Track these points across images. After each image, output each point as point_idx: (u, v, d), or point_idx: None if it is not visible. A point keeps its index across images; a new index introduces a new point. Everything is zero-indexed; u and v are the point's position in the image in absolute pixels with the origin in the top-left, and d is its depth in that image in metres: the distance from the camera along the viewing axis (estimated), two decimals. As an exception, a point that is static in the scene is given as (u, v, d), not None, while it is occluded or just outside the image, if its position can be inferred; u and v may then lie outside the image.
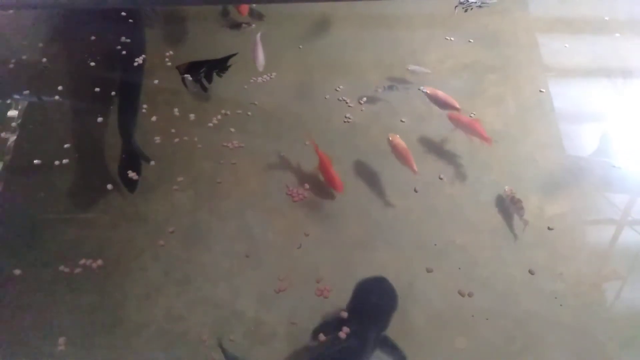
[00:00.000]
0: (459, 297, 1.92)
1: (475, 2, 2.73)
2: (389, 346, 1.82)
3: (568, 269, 1.99)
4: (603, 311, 1.92)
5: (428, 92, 2.38)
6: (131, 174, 2.20)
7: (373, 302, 1.94)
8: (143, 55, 2.65)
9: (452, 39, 2.80)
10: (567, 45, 2.81)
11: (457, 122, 2.34)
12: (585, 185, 2.27)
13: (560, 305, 1.89)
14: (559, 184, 2.26)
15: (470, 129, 2.29)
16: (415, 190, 2.18)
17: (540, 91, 2.53)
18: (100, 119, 2.40)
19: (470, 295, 1.91)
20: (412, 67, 2.51)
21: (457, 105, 2.35)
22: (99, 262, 1.97)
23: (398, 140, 2.22)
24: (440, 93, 2.38)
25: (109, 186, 2.18)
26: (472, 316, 1.87)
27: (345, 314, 1.85)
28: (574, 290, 1.94)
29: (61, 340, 1.78)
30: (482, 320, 1.87)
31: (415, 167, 2.15)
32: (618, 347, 1.83)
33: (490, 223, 2.12)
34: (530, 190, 2.22)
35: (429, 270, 1.97)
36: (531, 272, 1.97)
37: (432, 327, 1.86)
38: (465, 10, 2.76)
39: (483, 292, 1.93)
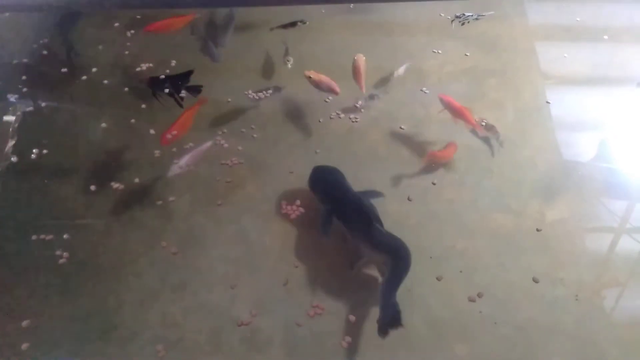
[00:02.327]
0: (459, 303, 1.89)
1: (472, 15, 2.76)
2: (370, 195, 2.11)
3: (569, 275, 1.97)
4: (604, 317, 1.89)
5: (312, 76, 2.37)
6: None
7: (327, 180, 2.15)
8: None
9: (451, 44, 2.80)
10: (565, 51, 2.81)
11: (447, 105, 2.34)
12: (586, 191, 2.26)
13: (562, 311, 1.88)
14: (559, 189, 2.25)
15: (459, 114, 2.30)
16: (409, 199, 2.16)
17: (547, 102, 2.52)
18: (104, 124, 2.38)
19: (480, 296, 1.90)
20: (398, 71, 2.50)
21: (338, 90, 2.36)
22: (93, 267, 1.94)
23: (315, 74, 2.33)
24: (324, 77, 2.38)
25: (92, 187, 2.17)
26: (473, 322, 1.85)
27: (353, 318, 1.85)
28: (575, 297, 1.92)
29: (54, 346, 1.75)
30: (482, 326, 1.85)
31: (337, 89, 2.32)
32: (619, 353, 1.80)
33: (490, 228, 2.10)
34: (530, 195, 2.20)
35: (439, 279, 1.95)
36: (535, 280, 1.94)
37: (432, 334, 1.84)
38: (462, 24, 2.80)
39: (483, 298, 1.91)
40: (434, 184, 2.22)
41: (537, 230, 2.08)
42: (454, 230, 2.10)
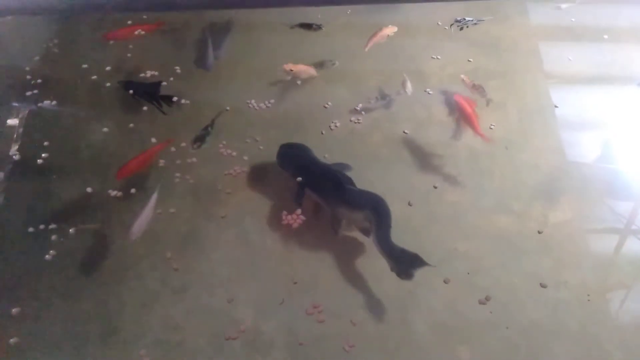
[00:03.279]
0: (461, 305, 1.88)
1: (471, 20, 2.76)
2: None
3: (573, 277, 1.96)
4: (609, 320, 1.88)
5: (293, 69, 2.45)
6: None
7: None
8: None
9: (452, 46, 2.79)
10: (567, 51, 2.80)
11: (459, 107, 2.33)
12: (589, 192, 2.24)
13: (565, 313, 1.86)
14: (562, 190, 2.23)
15: (467, 119, 2.30)
16: (410, 204, 2.15)
17: (555, 106, 2.51)
18: (105, 129, 2.38)
19: (488, 299, 1.89)
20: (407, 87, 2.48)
21: (316, 73, 2.46)
22: (95, 270, 1.94)
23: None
24: (302, 66, 2.46)
25: (89, 189, 2.17)
26: (476, 325, 1.84)
27: None
28: (580, 299, 1.90)
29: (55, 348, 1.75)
30: (485, 329, 1.83)
31: (315, 72, 2.41)
32: (624, 356, 1.78)
33: (493, 230, 2.09)
34: (533, 196, 2.19)
35: (446, 282, 1.94)
36: (543, 285, 1.93)
37: (434, 336, 1.82)
38: (461, 29, 2.80)
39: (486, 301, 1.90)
40: (435, 187, 2.21)
41: (538, 232, 2.07)
42: (457, 233, 2.08)
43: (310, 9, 2.92)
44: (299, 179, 2.13)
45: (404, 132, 2.41)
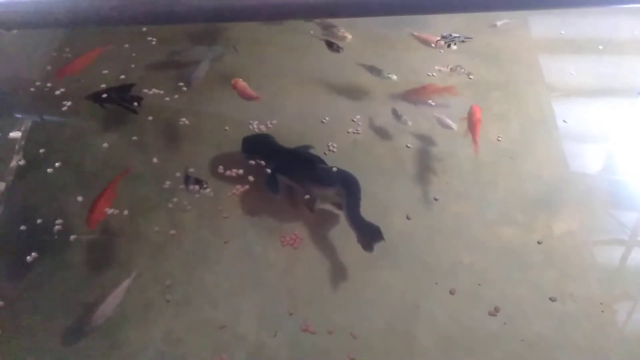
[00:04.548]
0: (466, 317, 1.86)
1: (459, 37, 2.75)
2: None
3: (578, 289, 1.94)
4: (616, 332, 1.86)
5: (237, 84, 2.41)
6: None
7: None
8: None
9: (454, 57, 2.81)
10: (568, 62, 2.81)
11: (470, 113, 2.33)
12: (593, 203, 2.23)
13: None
14: (566, 201, 2.23)
15: (473, 126, 2.29)
16: (408, 218, 2.14)
17: (564, 122, 2.51)
18: (105, 145, 2.38)
19: (497, 310, 1.87)
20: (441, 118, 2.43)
21: (256, 95, 2.39)
22: (96, 281, 1.93)
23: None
24: (247, 90, 2.41)
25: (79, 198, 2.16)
26: (481, 338, 1.82)
27: None
28: (586, 311, 1.88)
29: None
30: (490, 342, 1.81)
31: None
32: (632, 369, 1.77)
33: (498, 242, 2.08)
34: (537, 208, 2.18)
35: (452, 292, 1.92)
36: (552, 300, 1.91)
37: (440, 349, 1.80)
38: (449, 46, 2.80)
39: (491, 312, 1.88)
40: (435, 199, 2.20)
41: (538, 243, 2.06)
42: (461, 245, 2.07)
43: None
44: (269, 170, 2.21)
45: (407, 146, 2.41)
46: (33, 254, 1.98)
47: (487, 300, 1.90)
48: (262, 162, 2.26)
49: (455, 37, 2.74)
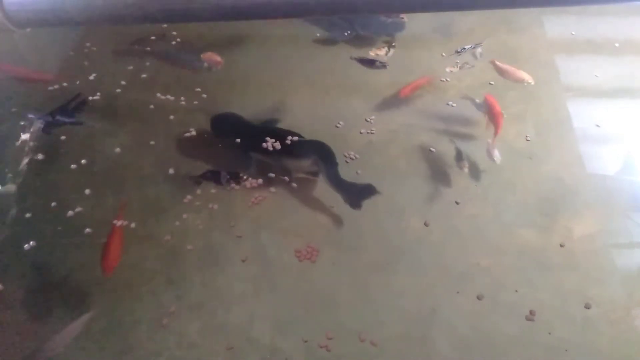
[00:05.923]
0: (484, 322, 1.82)
1: (470, 47, 2.79)
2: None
3: (600, 293, 1.89)
4: (638, 337, 1.80)
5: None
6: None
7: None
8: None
9: (470, 57, 2.76)
10: (586, 63, 2.76)
11: (488, 106, 2.35)
12: (613, 205, 2.18)
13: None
14: (586, 203, 2.18)
15: (495, 118, 2.29)
16: (426, 224, 2.09)
17: (597, 126, 2.46)
18: (117, 150, 2.36)
19: (533, 314, 1.83)
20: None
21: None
22: (109, 285, 1.90)
23: None
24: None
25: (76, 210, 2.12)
26: (500, 343, 1.78)
27: None
28: (608, 317, 1.84)
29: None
30: (510, 347, 1.77)
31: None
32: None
33: (516, 245, 2.03)
34: (556, 210, 2.13)
35: (479, 298, 1.88)
36: (587, 307, 1.86)
37: (458, 355, 1.77)
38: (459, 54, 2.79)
39: (510, 317, 1.84)
40: (457, 203, 2.16)
41: (561, 246, 2.02)
42: (478, 248, 2.03)
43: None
44: (241, 144, 2.24)
45: (430, 149, 2.36)
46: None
47: (506, 305, 1.86)
48: (236, 140, 2.27)
49: (465, 48, 2.77)
